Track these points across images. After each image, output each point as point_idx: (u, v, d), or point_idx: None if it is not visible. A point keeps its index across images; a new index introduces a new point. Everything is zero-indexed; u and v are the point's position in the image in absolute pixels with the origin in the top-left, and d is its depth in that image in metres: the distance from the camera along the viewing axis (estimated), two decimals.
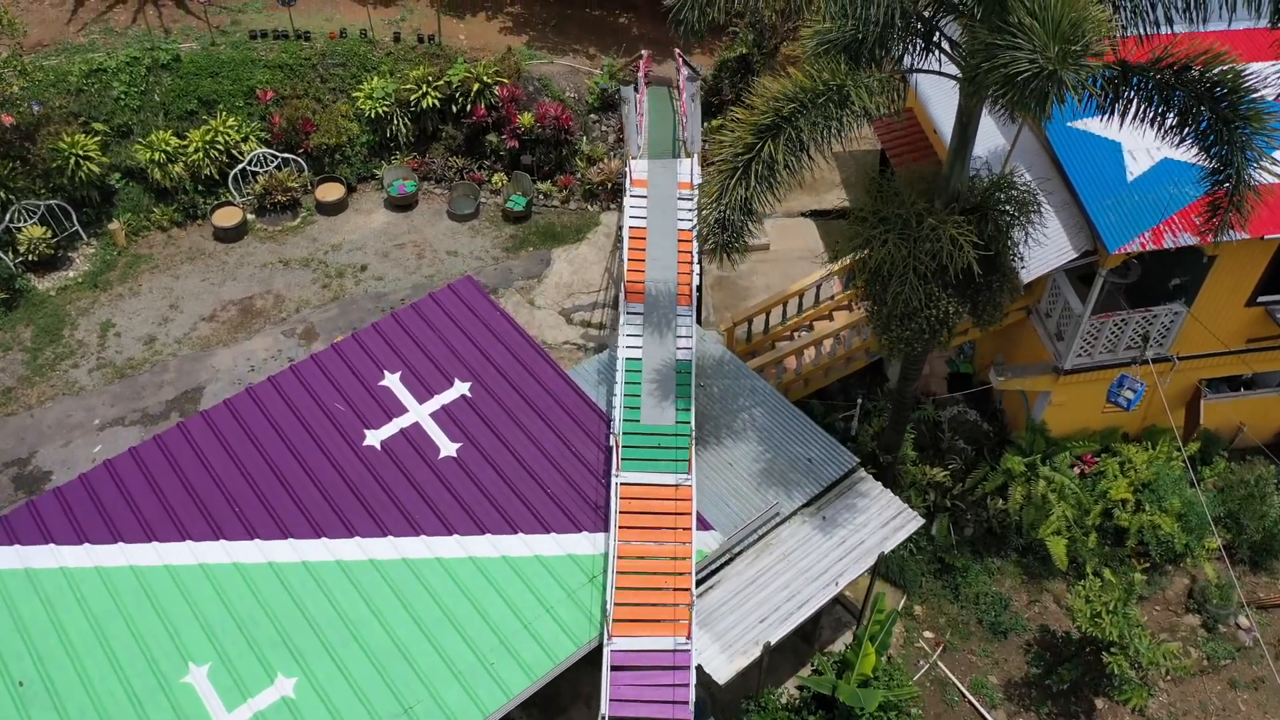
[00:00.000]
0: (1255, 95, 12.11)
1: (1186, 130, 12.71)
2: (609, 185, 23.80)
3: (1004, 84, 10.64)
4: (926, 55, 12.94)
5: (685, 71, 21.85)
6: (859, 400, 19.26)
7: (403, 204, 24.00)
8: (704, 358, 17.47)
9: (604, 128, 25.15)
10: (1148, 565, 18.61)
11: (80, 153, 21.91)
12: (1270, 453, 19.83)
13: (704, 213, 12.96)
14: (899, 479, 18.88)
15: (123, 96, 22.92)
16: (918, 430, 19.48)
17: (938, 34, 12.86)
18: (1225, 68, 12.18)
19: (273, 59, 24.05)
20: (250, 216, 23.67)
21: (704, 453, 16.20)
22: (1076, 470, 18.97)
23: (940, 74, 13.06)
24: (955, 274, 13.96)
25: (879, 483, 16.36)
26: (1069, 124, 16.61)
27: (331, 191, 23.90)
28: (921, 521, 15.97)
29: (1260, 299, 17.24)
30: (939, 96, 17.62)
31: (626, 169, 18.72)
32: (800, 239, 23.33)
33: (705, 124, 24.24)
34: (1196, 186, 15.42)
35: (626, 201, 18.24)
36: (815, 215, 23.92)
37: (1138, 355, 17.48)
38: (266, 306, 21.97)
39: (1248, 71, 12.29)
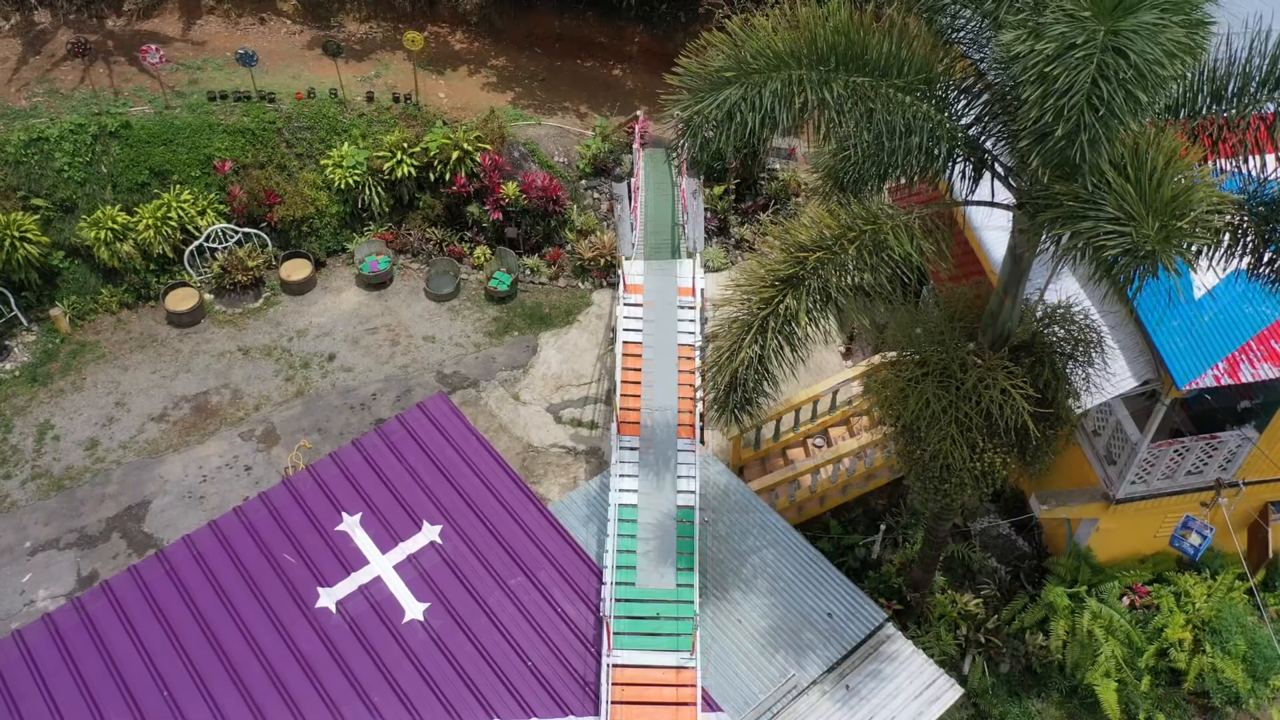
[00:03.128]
0: None
1: None
2: (601, 262, 21.69)
3: (1081, 253, 8.57)
4: (976, 183, 10.87)
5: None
6: (882, 526, 17.18)
7: (376, 282, 21.89)
8: (709, 486, 15.39)
9: (596, 195, 23.05)
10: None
11: (16, 233, 19.79)
12: None
13: (712, 373, 10.87)
14: (927, 612, 16.82)
15: (66, 168, 20.78)
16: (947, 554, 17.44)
17: (989, 156, 10.78)
18: None
19: (233, 123, 21.92)
20: (208, 297, 21.55)
21: (709, 607, 14.12)
22: (1126, 602, 16.92)
23: (994, 205, 10.97)
24: (1004, 427, 11.89)
25: (909, 641, 14.29)
26: None
27: (298, 270, 21.77)
28: (960, 692, 13.91)
29: None
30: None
31: (620, 273, 16.59)
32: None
33: (708, 190, 22.21)
34: (1276, 305, 13.46)
35: (620, 310, 16.13)
36: None
37: (1206, 487, 15.41)
38: (223, 404, 19.85)
39: None
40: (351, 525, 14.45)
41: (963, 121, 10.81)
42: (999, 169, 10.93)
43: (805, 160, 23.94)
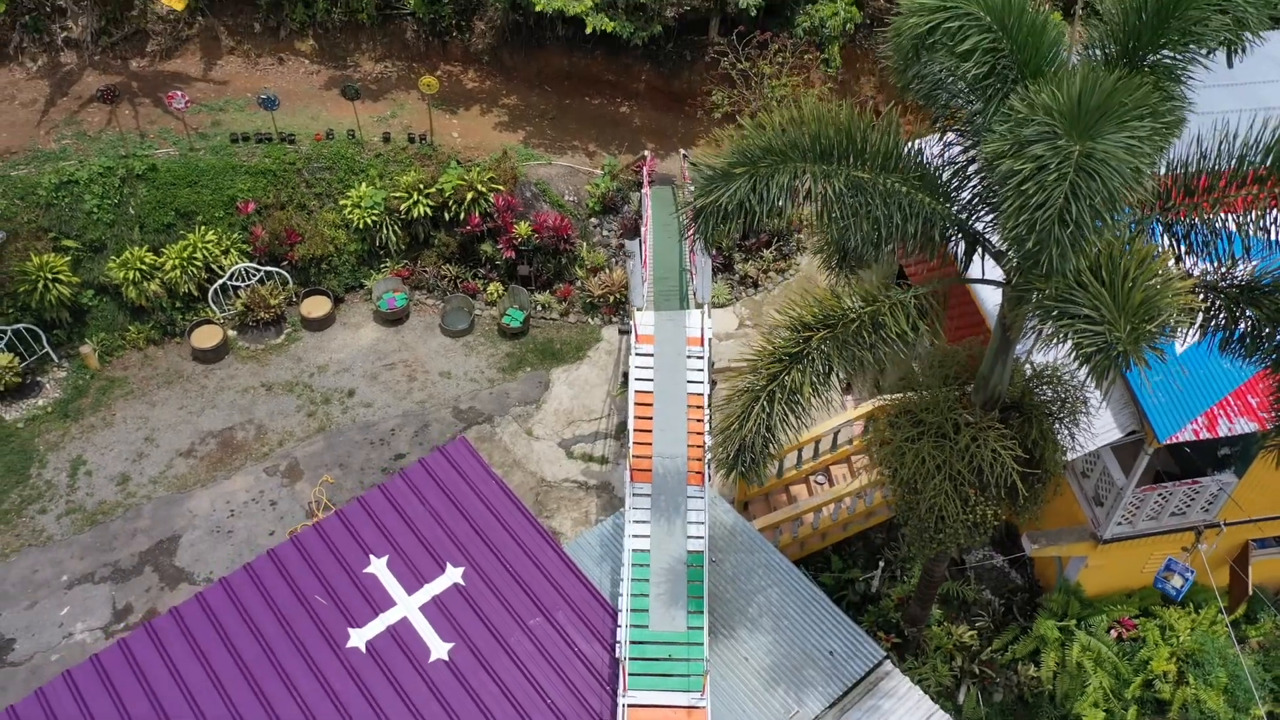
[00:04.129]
0: None
1: (1259, 344, 11.43)
2: (611, 299, 22.52)
3: (1061, 342, 9.40)
4: (968, 262, 11.69)
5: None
6: (881, 562, 18.00)
7: (393, 318, 22.70)
8: (716, 527, 16.19)
9: (605, 232, 23.87)
10: None
11: (49, 275, 20.63)
12: None
13: (722, 439, 11.69)
14: (924, 645, 17.64)
15: (95, 210, 21.60)
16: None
17: (980, 237, 11.60)
18: None
19: (255, 165, 22.72)
20: (232, 333, 22.37)
21: (717, 644, 14.95)
22: (1114, 634, 17.74)
23: (984, 281, 11.79)
24: (995, 483, 12.70)
25: (906, 678, 15.09)
26: None
27: (318, 307, 22.59)
28: None
29: None
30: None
31: (632, 323, 17.42)
32: (819, 286, 22.03)
33: None
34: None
35: (632, 360, 16.95)
36: None
37: (1190, 528, 16.24)
38: (248, 439, 20.66)
39: None
40: (379, 567, 15.26)
41: (958, 196, 11.63)
42: (990, 245, 11.73)
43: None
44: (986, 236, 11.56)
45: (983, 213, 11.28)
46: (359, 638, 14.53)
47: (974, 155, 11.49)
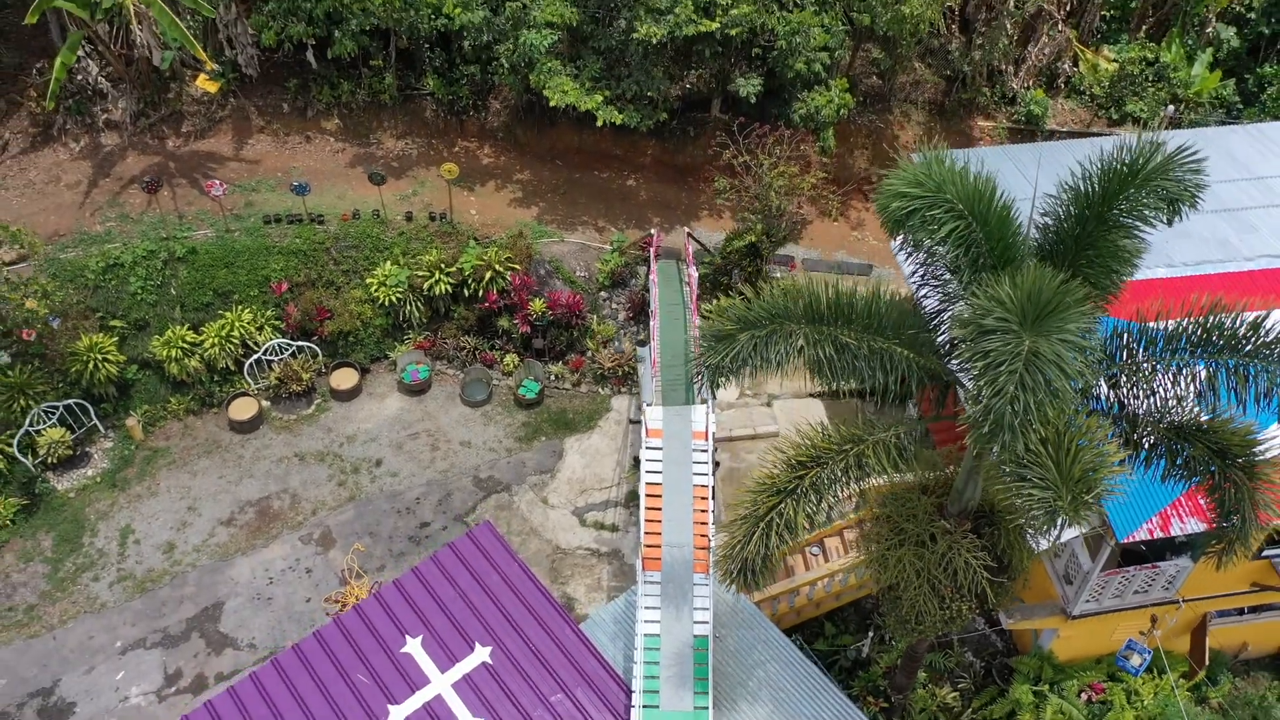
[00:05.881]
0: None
1: (1196, 472, 13.01)
2: (620, 371, 24.11)
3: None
4: (942, 403, 13.26)
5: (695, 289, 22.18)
6: (871, 630, 19.59)
7: (416, 389, 24.28)
8: (719, 604, 17.74)
9: (613, 305, 25.45)
10: None
11: (99, 355, 22.20)
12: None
13: (727, 557, 13.29)
14: (910, 708, 19.22)
15: (140, 291, 23.19)
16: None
17: (953, 380, 13.18)
18: (1236, 430, 12.48)
19: (287, 245, 24.31)
20: (266, 404, 23.94)
21: (720, 717, 16.50)
22: (1084, 698, 19.32)
23: (956, 417, 13.36)
24: (968, 588, 14.28)
25: None
26: None
27: (346, 379, 24.18)
28: None
29: (1265, 553, 17.62)
30: None
31: (642, 418, 19.04)
32: (810, 423, 23.62)
33: (714, 301, 24.59)
34: None
35: (643, 453, 18.56)
36: (824, 396, 24.26)
37: (1152, 604, 17.86)
38: (283, 508, 22.24)
39: None
40: (414, 647, 16.83)
41: (935, 340, 13.21)
42: (965, 388, 13.31)
43: (802, 268, 26.36)
44: (958, 377, 13.14)
45: (957, 355, 12.83)
46: (398, 714, 16.10)
47: (949, 306, 13.09)
